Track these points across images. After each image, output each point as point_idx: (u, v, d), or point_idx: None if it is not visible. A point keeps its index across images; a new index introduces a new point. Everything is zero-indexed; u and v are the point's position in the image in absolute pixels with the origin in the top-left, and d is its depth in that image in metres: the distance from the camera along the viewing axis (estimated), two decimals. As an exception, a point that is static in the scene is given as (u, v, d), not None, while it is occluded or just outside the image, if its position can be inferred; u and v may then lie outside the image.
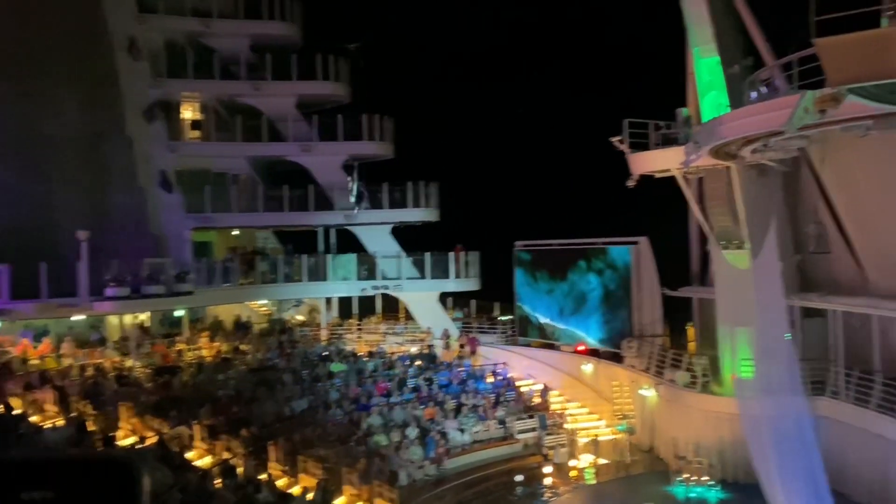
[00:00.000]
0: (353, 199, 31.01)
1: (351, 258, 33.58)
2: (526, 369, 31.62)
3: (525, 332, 32.84)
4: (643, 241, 29.20)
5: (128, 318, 29.49)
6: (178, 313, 31.87)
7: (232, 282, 31.14)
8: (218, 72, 32.12)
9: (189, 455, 21.74)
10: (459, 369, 29.93)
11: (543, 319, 31.93)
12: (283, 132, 32.92)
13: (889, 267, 21.25)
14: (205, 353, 29.84)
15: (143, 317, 30.65)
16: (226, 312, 34.04)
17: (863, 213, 21.42)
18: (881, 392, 20.17)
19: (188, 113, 33.52)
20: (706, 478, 22.69)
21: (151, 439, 21.58)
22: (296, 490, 20.49)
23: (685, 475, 22.97)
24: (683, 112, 25.07)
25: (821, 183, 22.26)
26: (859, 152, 20.15)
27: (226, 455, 21.58)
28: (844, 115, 15.11)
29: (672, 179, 25.04)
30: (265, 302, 36.07)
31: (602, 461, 25.07)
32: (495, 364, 31.12)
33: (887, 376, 20.28)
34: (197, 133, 33.02)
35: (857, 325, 21.93)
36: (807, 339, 23.17)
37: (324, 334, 33.44)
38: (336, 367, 28.79)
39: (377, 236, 33.61)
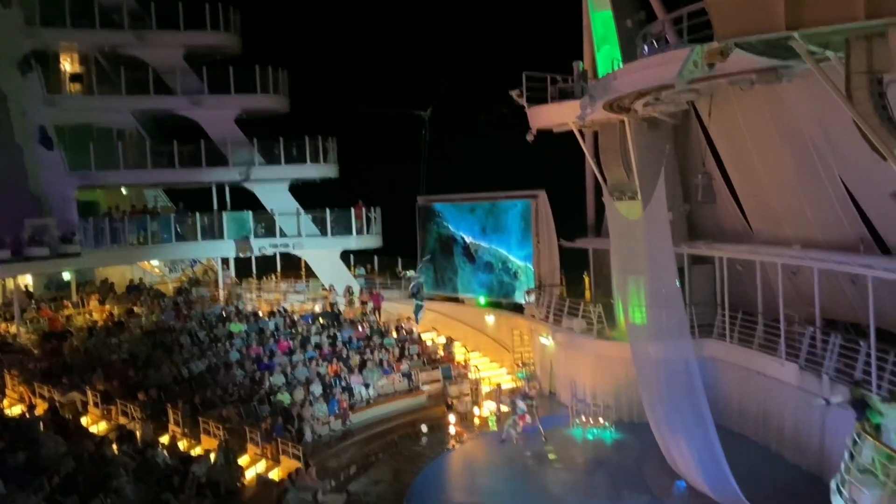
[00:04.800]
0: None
1: (247, 216, 32.75)
2: (429, 322, 31.96)
3: (450, 252, 32.54)
4: (541, 195, 29.71)
5: (10, 282, 27.94)
6: (65, 276, 30.48)
7: (121, 242, 29.92)
8: (98, 21, 30.30)
9: (83, 421, 21.04)
10: (363, 325, 29.94)
11: (468, 238, 32.03)
12: (170, 85, 31.51)
13: (769, 215, 22.46)
14: (95, 316, 28.68)
15: (27, 280, 29.13)
16: (117, 274, 32.77)
17: (746, 164, 22.46)
18: (763, 333, 21.47)
19: (67, 65, 31.58)
20: (602, 419, 23.70)
21: (42, 407, 20.75)
22: (198, 452, 20.16)
23: (583, 418, 23.91)
24: (579, 66, 25.47)
25: (708, 135, 23.18)
26: (743, 105, 21.05)
27: (122, 420, 20.99)
28: (731, 69, 15.71)
29: (570, 133, 25.49)
30: (157, 263, 34.93)
31: (504, 408, 25.73)
32: (399, 319, 31.31)
33: (768, 318, 21.58)
34: (77, 86, 31.21)
35: (741, 271, 23.17)
36: (695, 284, 24.34)
37: (221, 294, 32.68)
38: (235, 327, 28.27)
39: (274, 193, 32.89)
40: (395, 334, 29.83)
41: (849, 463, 11.13)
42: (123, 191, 34.11)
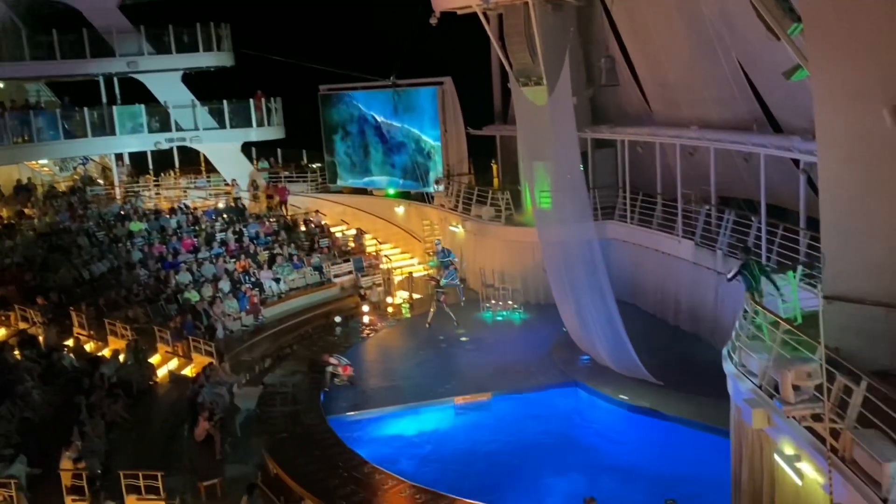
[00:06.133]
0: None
1: (139, 110, 31.06)
2: (339, 215, 31.73)
3: (362, 132, 31.75)
4: (448, 82, 29.26)
5: None
6: (-56, 179, 28.55)
7: (3, 141, 28.03)
8: None
9: (-20, 329, 20.28)
10: (270, 220, 29.47)
11: (379, 118, 31.28)
12: (42, -33, 28.96)
13: (669, 97, 22.90)
14: (-18, 220, 27.19)
15: None
16: (2, 175, 30.88)
17: (646, 46, 22.64)
18: (661, 213, 22.31)
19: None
20: (511, 302, 24.45)
21: (-68, 317, 19.83)
22: (106, 353, 19.83)
23: (492, 301, 24.60)
24: (482, -56, 24.65)
25: (611, 17, 23.14)
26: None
27: (23, 325, 20.34)
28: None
29: (475, 16, 24.93)
30: (45, 162, 33.09)
31: (416, 296, 26.20)
32: (307, 212, 30.91)
33: (667, 198, 22.38)
34: (-66, -31, 28.28)
35: (641, 153, 23.75)
36: (598, 168, 24.88)
37: (118, 192, 31.36)
38: (135, 226, 27.39)
39: (167, 84, 31.13)
40: (303, 228, 29.53)
41: (739, 330, 11.86)
42: (0, 85, 31.69)
